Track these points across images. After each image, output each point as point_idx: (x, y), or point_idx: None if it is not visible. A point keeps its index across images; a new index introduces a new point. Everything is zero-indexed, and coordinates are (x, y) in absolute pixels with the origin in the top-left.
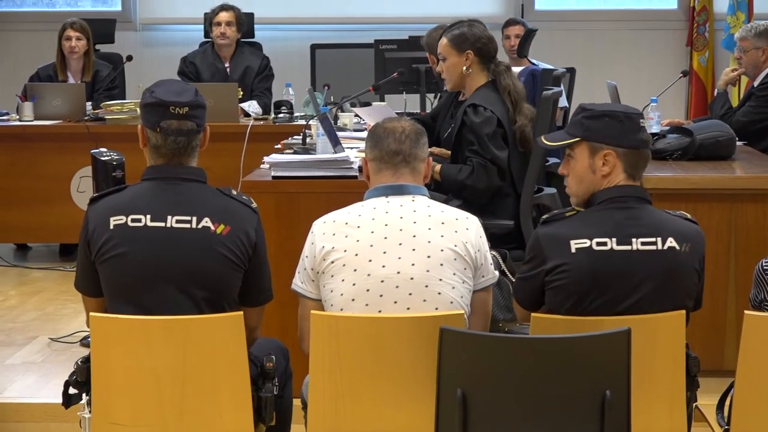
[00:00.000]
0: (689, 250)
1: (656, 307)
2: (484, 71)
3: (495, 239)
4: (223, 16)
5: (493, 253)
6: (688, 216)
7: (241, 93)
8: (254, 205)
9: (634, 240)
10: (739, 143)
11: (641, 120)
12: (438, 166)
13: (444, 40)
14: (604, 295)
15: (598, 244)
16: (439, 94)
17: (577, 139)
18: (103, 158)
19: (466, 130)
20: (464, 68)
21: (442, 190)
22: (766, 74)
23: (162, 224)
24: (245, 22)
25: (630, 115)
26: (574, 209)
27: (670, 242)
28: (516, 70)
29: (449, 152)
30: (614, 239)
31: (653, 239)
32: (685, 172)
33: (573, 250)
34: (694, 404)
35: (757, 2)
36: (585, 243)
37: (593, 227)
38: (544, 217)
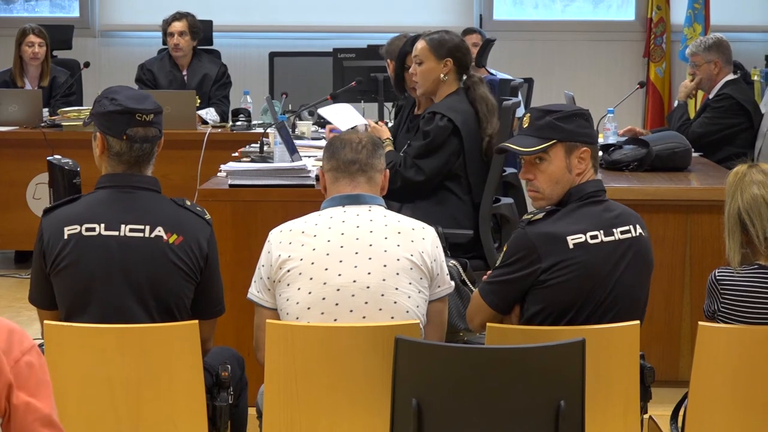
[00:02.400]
0: (647, 235)
1: (637, 290)
2: (457, 80)
3: (454, 249)
4: (176, 26)
5: (453, 262)
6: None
7: (199, 101)
8: (208, 216)
9: (615, 230)
10: (695, 154)
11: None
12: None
13: (423, 44)
14: (603, 287)
15: (592, 237)
16: (396, 103)
17: (554, 141)
18: (61, 165)
19: (419, 135)
20: (441, 75)
21: (393, 197)
22: (721, 86)
23: (115, 233)
24: (201, 30)
25: (586, 113)
26: (555, 208)
27: (638, 229)
28: None
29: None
30: (602, 231)
31: (628, 227)
32: (641, 183)
33: (571, 246)
34: (646, 415)
35: (714, 14)
36: (581, 238)
37: (583, 222)
38: (527, 218)
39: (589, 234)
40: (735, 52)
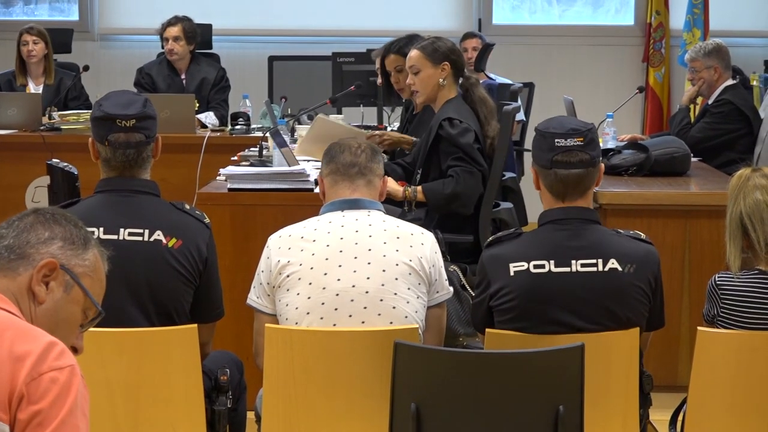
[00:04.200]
0: (634, 271)
1: (599, 327)
2: (455, 84)
3: (455, 254)
4: (171, 31)
5: (454, 267)
6: (642, 236)
7: (197, 105)
8: (207, 220)
9: (573, 262)
10: (694, 159)
11: (561, 140)
12: (419, 188)
13: (417, 53)
14: (545, 318)
15: (536, 266)
16: (394, 108)
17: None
18: (63, 168)
19: (445, 144)
20: (441, 80)
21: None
22: (720, 91)
23: (114, 237)
24: (197, 34)
25: (545, 133)
26: (520, 230)
27: (612, 263)
28: None
29: (411, 138)
30: (552, 261)
31: (593, 261)
32: (640, 188)
33: (512, 273)
34: (646, 421)
35: (713, 19)
36: (522, 266)
37: (533, 249)
38: (490, 239)
39: (533, 263)
40: (734, 58)
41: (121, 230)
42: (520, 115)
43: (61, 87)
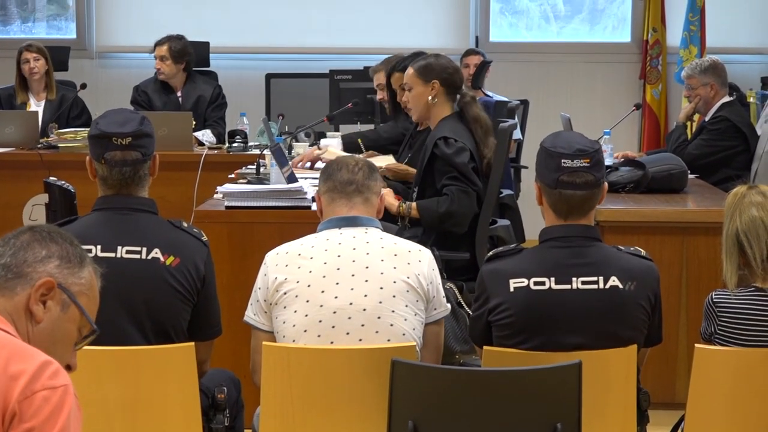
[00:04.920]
0: (634, 288)
1: (599, 344)
2: (449, 102)
3: (451, 271)
4: (158, 51)
5: (450, 284)
6: (642, 253)
7: (194, 123)
8: (205, 238)
9: (574, 279)
10: (691, 176)
11: (568, 160)
12: (414, 204)
13: (410, 70)
14: (544, 335)
15: (536, 283)
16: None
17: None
18: (61, 186)
19: (440, 163)
20: (430, 98)
21: (408, 223)
22: (717, 108)
23: (112, 254)
24: (187, 53)
25: (552, 151)
26: (520, 246)
27: (613, 281)
28: None
29: (410, 168)
30: (553, 278)
31: (595, 278)
32: (637, 205)
33: (511, 289)
34: None
35: (710, 36)
36: (523, 282)
37: (533, 266)
38: (490, 253)
39: (533, 279)
40: (730, 74)
41: (119, 248)
42: (517, 133)
43: (63, 102)
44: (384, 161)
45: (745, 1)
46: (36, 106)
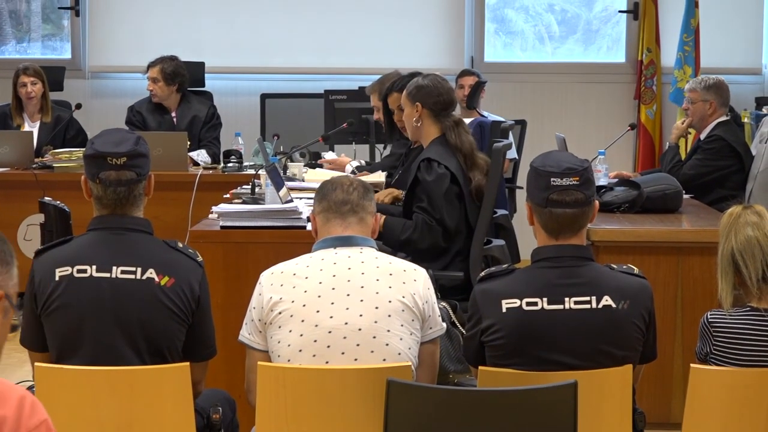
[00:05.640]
0: (628, 307)
1: (593, 364)
2: (436, 124)
3: (445, 291)
4: (150, 72)
5: (443, 304)
6: (635, 270)
7: (188, 143)
8: (200, 258)
9: (567, 299)
10: (686, 196)
11: (557, 179)
12: (383, 218)
13: (404, 91)
14: (537, 355)
15: (528, 303)
16: (387, 146)
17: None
18: (56, 206)
19: (419, 188)
20: (414, 120)
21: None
22: (713, 127)
23: (107, 275)
24: (179, 75)
25: (541, 171)
26: (512, 267)
27: (606, 300)
28: (465, 121)
29: (401, 192)
30: (545, 299)
31: (587, 298)
32: (632, 225)
33: (504, 310)
34: None
35: (704, 57)
36: (515, 303)
37: (525, 286)
38: (482, 274)
39: (526, 300)
40: None
41: (114, 268)
42: (512, 153)
43: (57, 124)
44: (375, 178)
45: (739, 21)
46: (29, 127)
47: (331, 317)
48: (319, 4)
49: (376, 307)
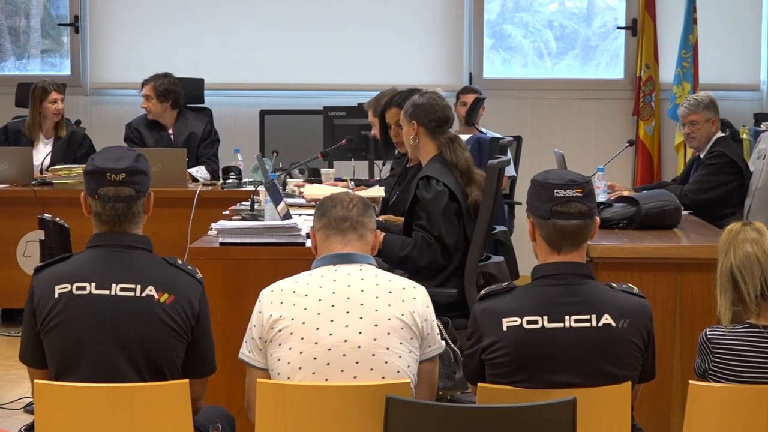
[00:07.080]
0: (627, 326)
1: (593, 382)
2: (433, 141)
3: (438, 307)
4: (144, 89)
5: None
6: (634, 290)
7: (186, 159)
8: (199, 275)
9: (567, 317)
10: (684, 212)
11: (560, 190)
12: (382, 235)
13: (402, 109)
14: (537, 373)
15: (529, 322)
16: (386, 162)
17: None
18: (56, 223)
19: (418, 206)
20: (410, 137)
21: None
22: (713, 143)
23: (106, 292)
24: (173, 92)
25: (544, 183)
26: (513, 284)
27: (606, 319)
28: (464, 137)
29: (400, 219)
30: (546, 317)
31: (587, 316)
32: (630, 241)
33: (504, 328)
34: None
35: (702, 73)
36: (516, 321)
37: (526, 304)
38: (482, 292)
39: (526, 318)
40: (723, 111)
41: (113, 285)
42: (510, 170)
43: (72, 140)
44: (373, 193)
45: (738, 37)
46: (45, 143)
47: (331, 335)
48: (318, 21)
49: (376, 325)
